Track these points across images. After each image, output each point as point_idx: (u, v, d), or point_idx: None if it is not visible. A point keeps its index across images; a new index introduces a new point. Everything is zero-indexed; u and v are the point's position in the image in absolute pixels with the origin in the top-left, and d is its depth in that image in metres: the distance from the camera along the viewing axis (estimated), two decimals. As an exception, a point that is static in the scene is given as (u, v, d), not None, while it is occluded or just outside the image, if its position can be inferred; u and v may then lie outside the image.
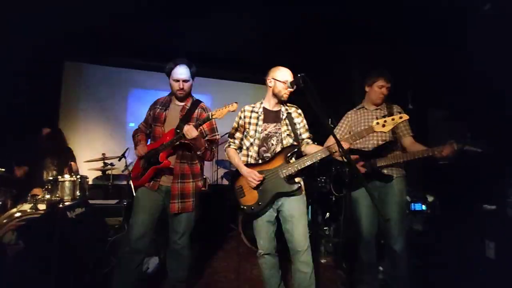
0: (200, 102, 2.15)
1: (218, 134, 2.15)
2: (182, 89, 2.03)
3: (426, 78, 3.11)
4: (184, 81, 2.02)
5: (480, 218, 2.06)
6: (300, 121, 2.05)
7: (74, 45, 4.29)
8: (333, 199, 3.64)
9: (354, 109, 2.48)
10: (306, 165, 1.83)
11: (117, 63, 4.88)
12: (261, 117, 2.00)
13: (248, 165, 1.95)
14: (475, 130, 2.00)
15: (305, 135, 2.04)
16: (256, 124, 1.99)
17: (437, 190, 2.73)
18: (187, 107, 2.08)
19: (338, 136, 2.41)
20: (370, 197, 1.20)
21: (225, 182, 4.54)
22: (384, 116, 1.79)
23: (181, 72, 2.01)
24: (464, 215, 2.19)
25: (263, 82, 2.04)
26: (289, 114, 2.01)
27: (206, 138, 2.09)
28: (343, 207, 2.38)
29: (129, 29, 3.89)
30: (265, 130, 1.97)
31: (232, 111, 1.81)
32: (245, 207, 1.92)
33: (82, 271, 2.20)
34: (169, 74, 2.05)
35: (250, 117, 2.02)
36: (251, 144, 1.99)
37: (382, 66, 2.40)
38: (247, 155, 2.00)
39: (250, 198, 1.91)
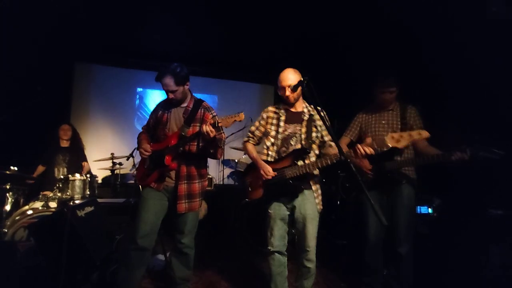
0: (202, 101, 2.12)
1: (223, 132, 2.15)
2: (173, 97, 2.01)
3: (432, 81, 3.07)
4: (171, 91, 1.97)
5: (486, 223, 2.03)
6: (322, 124, 2.03)
7: (84, 46, 4.38)
8: (338, 202, 3.63)
9: (365, 110, 2.43)
10: (310, 170, 1.88)
11: (126, 64, 4.95)
12: (282, 117, 2.02)
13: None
14: (483, 133, 1.96)
15: (327, 137, 2.03)
16: (278, 125, 2.03)
17: (444, 193, 2.70)
18: (190, 108, 2.06)
19: (348, 138, 2.42)
20: (368, 203, 1.21)
21: (231, 182, 4.57)
22: (402, 128, 1.71)
23: (165, 83, 1.95)
24: (470, 219, 2.16)
25: (269, 82, 2.05)
26: (311, 116, 2.01)
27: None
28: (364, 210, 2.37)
29: (138, 30, 3.96)
30: (286, 131, 2.01)
31: (239, 121, 1.80)
32: (249, 200, 2.11)
33: (90, 268, 2.25)
34: None
35: (273, 118, 2.06)
36: (272, 144, 2.03)
37: (389, 68, 2.38)
38: (267, 154, 2.04)
39: (255, 193, 2.05)
